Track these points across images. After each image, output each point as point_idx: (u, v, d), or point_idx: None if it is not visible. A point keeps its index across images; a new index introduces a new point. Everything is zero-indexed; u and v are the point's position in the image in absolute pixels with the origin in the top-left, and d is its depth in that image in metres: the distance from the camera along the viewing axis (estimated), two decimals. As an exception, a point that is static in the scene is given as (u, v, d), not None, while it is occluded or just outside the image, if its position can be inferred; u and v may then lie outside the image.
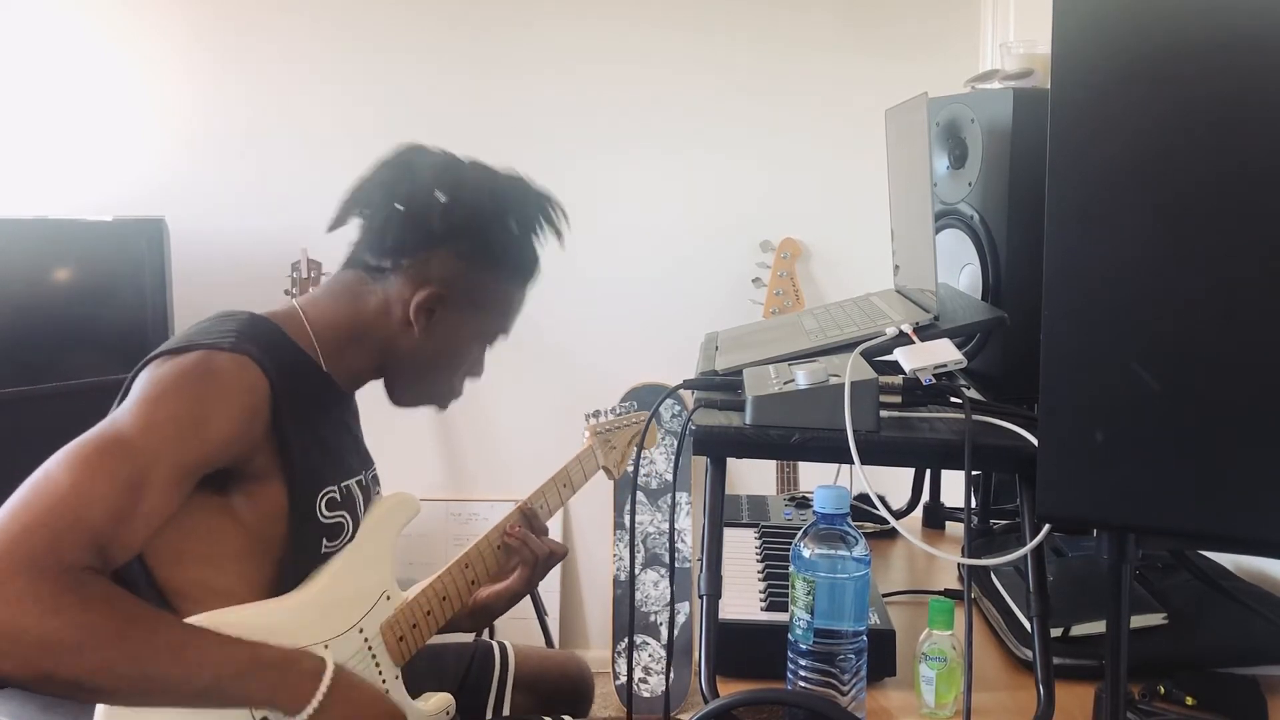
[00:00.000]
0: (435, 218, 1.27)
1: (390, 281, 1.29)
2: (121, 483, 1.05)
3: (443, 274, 1.29)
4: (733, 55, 2.95)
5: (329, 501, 1.24)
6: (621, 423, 1.76)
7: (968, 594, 1.13)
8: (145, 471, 1.07)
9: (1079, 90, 0.86)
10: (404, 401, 1.38)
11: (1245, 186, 0.81)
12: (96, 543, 1.03)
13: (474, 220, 1.29)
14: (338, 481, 1.27)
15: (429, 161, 1.31)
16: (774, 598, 1.29)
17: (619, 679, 2.89)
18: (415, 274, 1.28)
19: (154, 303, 2.62)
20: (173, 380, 1.13)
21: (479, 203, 1.30)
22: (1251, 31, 0.79)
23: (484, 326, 1.37)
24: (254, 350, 1.16)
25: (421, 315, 1.28)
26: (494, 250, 1.31)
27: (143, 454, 1.07)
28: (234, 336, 1.17)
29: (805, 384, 1.14)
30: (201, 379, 1.13)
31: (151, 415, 1.10)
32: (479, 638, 1.65)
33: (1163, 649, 1.24)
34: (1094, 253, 0.86)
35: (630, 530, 3.05)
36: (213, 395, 1.13)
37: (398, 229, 1.27)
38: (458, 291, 1.30)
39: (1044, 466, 0.90)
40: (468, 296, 1.31)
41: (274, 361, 1.18)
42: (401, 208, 1.28)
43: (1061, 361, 0.88)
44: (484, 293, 1.33)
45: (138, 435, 1.08)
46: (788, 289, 2.90)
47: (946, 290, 1.46)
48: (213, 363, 1.14)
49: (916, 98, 1.36)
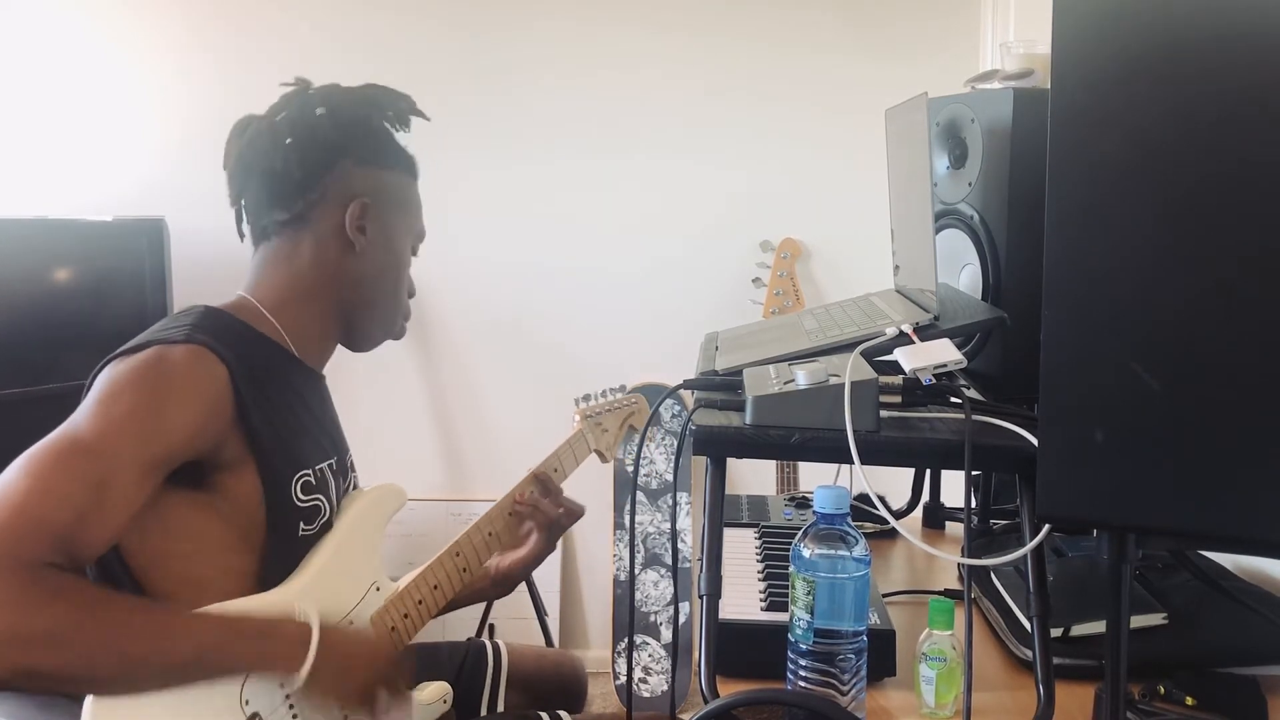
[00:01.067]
0: (325, 129, 1.31)
1: (312, 221, 1.31)
2: (84, 482, 1.05)
3: (357, 185, 1.32)
4: (733, 55, 2.95)
5: (304, 485, 1.24)
6: (612, 405, 1.74)
7: (968, 594, 1.13)
8: (107, 470, 1.07)
9: (1079, 90, 0.86)
10: (367, 340, 1.40)
11: (1245, 186, 0.81)
12: (62, 542, 1.03)
13: (358, 121, 1.34)
14: (311, 465, 1.26)
15: (286, 100, 1.35)
16: (774, 598, 1.29)
17: (619, 679, 2.89)
18: (334, 197, 1.31)
19: (154, 303, 2.62)
20: (128, 377, 1.13)
21: (354, 106, 1.35)
22: (1251, 31, 0.79)
23: (407, 226, 1.40)
24: (209, 340, 1.17)
25: (358, 231, 1.31)
26: (385, 146, 1.36)
27: (104, 453, 1.07)
28: (188, 329, 1.18)
29: (805, 384, 1.14)
30: (157, 373, 1.13)
31: (108, 413, 1.10)
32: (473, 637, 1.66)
33: (1163, 649, 1.24)
34: (1094, 252, 0.86)
35: (630, 530, 3.05)
36: (169, 388, 1.13)
37: (298, 157, 1.30)
38: (377, 196, 1.33)
39: (1044, 466, 0.90)
40: (385, 197, 1.35)
41: (232, 349, 1.18)
42: (291, 139, 1.31)
43: (1061, 361, 0.88)
44: (395, 190, 1.37)
45: (96, 434, 1.08)
46: (788, 289, 2.90)
47: (946, 290, 1.46)
48: (167, 356, 1.14)
49: (916, 98, 1.36)
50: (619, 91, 2.96)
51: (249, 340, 1.24)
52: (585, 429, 1.68)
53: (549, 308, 3.01)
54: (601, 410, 1.72)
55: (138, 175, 2.87)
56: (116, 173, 2.88)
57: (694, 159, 2.97)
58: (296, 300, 1.30)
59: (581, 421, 1.69)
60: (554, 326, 3.00)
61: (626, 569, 2.92)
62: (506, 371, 3.00)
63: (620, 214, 2.98)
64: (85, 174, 2.88)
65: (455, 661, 1.60)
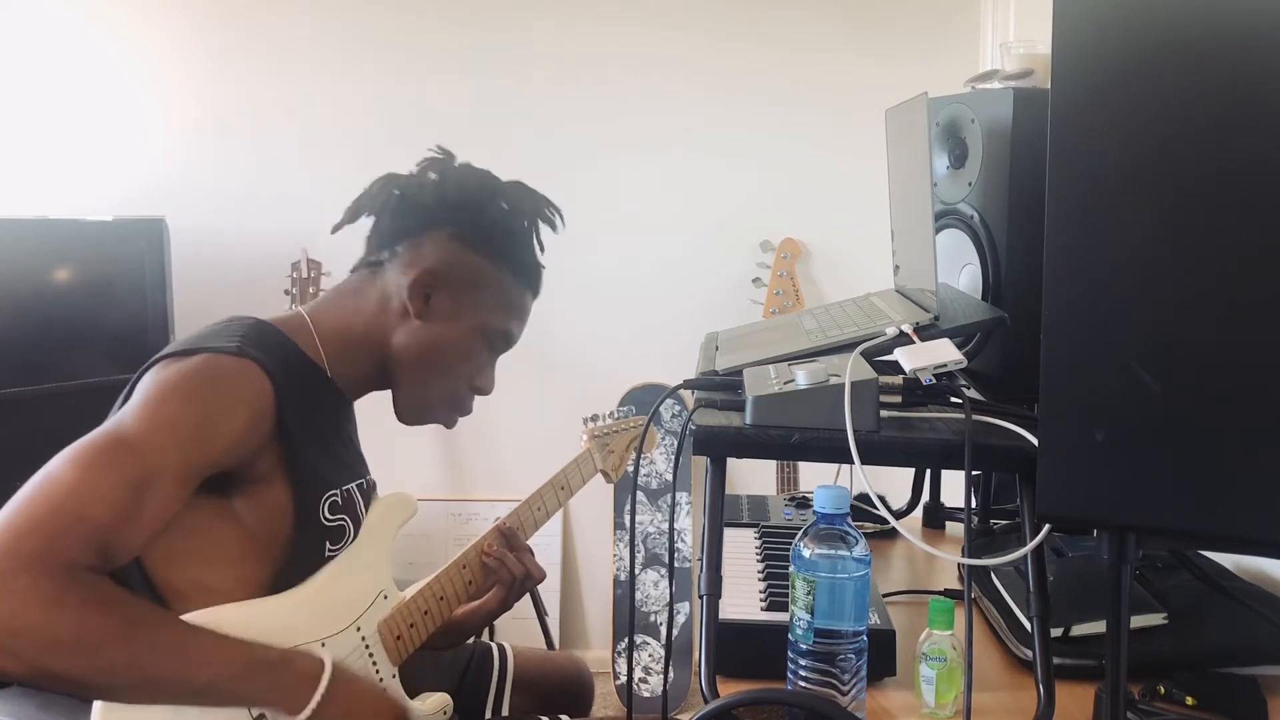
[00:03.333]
0: (428, 194, 1.32)
1: (387, 273, 1.32)
2: (126, 483, 1.05)
3: (437, 254, 1.31)
4: (733, 55, 2.95)
5: (331, 505, 1.25)
6: (619, 427, 1.76)
7: (968, 594, 1.13)
8: (150, 472, 1.07)
9: (1079, 90, 0.86)
10: (407, 414, 1.37)
11: (1245, 185, 0.81)
12: (99, 542, 1.03)
13: (465, 198, 1.33)
14: (340, 485, 1.27)
15: (428, 160, 1.37)
16: (774, 598, 1.29)
17: (619, 679, 2.89)
18: (410, 257, 1.31)
19: (154, 303, 2.62)
20: (178, 382, 1.13)
21: (470, 183, 1.34)
22: (1250, 30, 0.79)
23: (484, 317, 1.34)
24: (259, 355, 1.17)
25: (417, 297, 1.30)
26: (486, 229, 1.33)
27: (148, 455, 1.07)
28: (239, 341, 1.18)
29: (805, 384, 1.14)
30: (207, 381, 1.14)
31: (156, 416, 1.10)
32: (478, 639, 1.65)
33: (1163, 649, 1.24)
34: (1094, 252, 0.86)
35: (630, 530, 3.05)
36: (217, 398, 1.13)
37: (393, 211, 1.32)
38: (453, 272, 1.31)
39: (1044, 466, 0.90)
40: (464, 277, 1.32)
41: (279, 366, 1.18)
42: (398, 192, 1.33)
43: (1061, 361, 0.88)
44: (480, 276, 1.33)
45: (143, 436, 1.08)
46: (788, 289, 2.90)
47: (946, 290, 1.46)
48: (218, 366, 1.15)
49: (916, 98, 1.36)
50: (619, 92, 2.96)
51: (295, 360, 1.24)
52: (593, 449, 1.70)
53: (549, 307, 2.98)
54: (609, 431, 1.74)
55: (138, 175, 2.87)
56: (116, 173, 2.88)
57: (694, 159, 2.97)
58: (345, 336, 1.30)
59: (589, 441, 1.71)
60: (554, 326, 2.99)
61: (626, 569, 2.92)
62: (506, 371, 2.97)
63: (620, 214, 2.98)
64: (85, 174, 2.88)
65: (460, 664, 1.60)
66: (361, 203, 1.34)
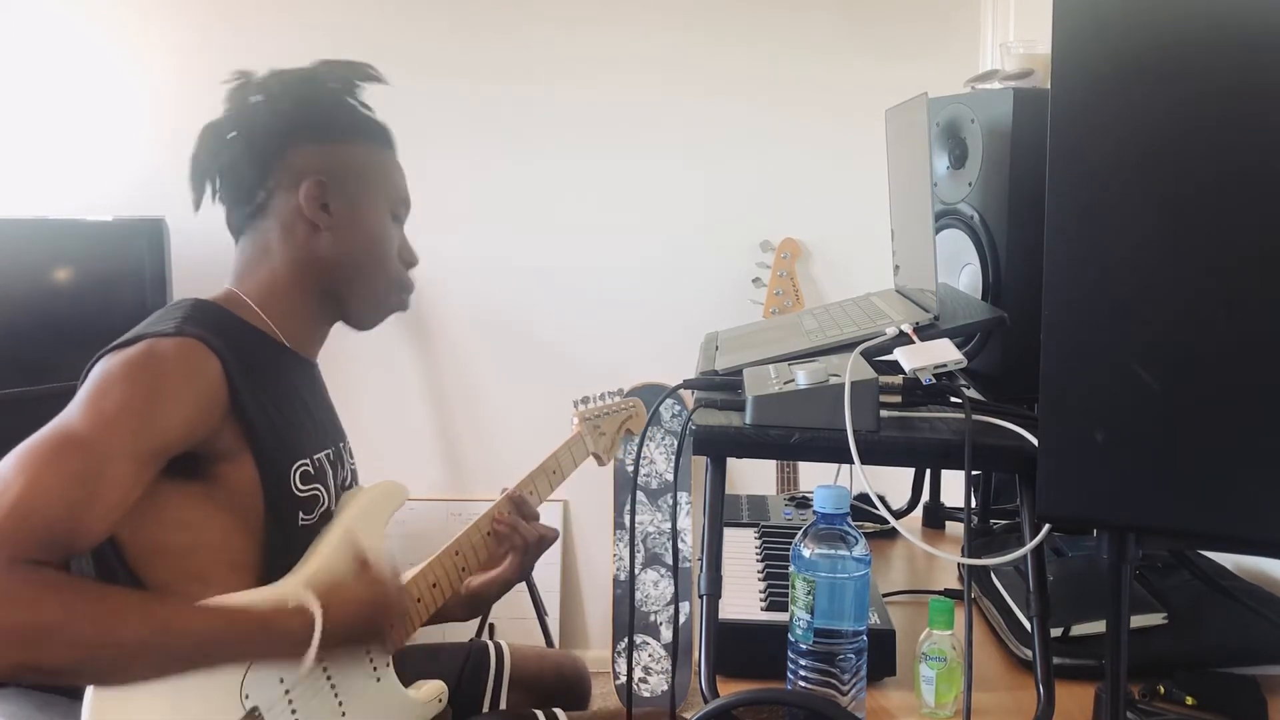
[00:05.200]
0: (264, 118, 1.30)
1: (273, 209, 1.30)
2: (74, 477, 1.05)
3: (309, 164, 1.30)
4: (733, 55, 2.95)
5: (302, 475, 1.24)
6: (610, 409, 1.74)
7: (968, 594, 1.13)
8: (98, 463, 1.07)
9: (1079, 90, 0.86)
10: (365, 317, 1.37)
11: (1245, 185, 0.81)
12: (51, 537, 1.03)
13: (299, 101, 1.31)
14: (309, 455, 1.26)
15: (229, 94, 1.33)
16: (774, 598, 1.29)
17: (619, 679, 2.89)
18: (288, 182, 1.29)
19: (154, 303, 2.60)
20: (119, 371, 1.13)
21: (293, 87, 1.32)
22: (1250, 30, 0.79)
23: (380, 195, 1.35)
24: (201, 333, 1.17)
25: (318, 209, 1.29)
26: (334, 119, 1.33)
27: (94, 446, 1.07)
28: (178, 321, 1.18)
29: (805, 384, 1.14)
30: (148, 366, 1.13)
31: (100, 407, 1.10)
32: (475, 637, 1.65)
33: (1163, 649, 1.24)
34: (1094, 252, 0.86)
35: (630, 530, 3.05)
36: (162, 381, 1.13)
37: (244, 152, 1.29)
38: (333, 171, 1.30)
39: (1044, 466, 0.90)
40: (343, 171, 1.31)
41: (224, 341, 1.18)
42: (233, 134, 1.30)
43: (1061, 361, 0.88)
44: (355, 161, 1.33)
45: (87, 428, 1.08)
46: (788, 289, 2.90)
47: (946, 290, 1.46)
48: (158, 349, 1.14)
49: (916, 98, 1.36)
50: (619, 92, 2.96)
51: (239, 332, 1.24)
52: (584, 431, 1.69)
53: (549, 307, 3.01)
54: (599, 413, 1.72)
55: (138, 175, 2.87)
56: (116, 173, 2.88)
57: (694, 159, 2.97)
58: (278, 291, 1.30)
59: (580, 424, 1.70)
60: (554, 326, 3.00)
61: (626, 569, 2.92)
62: (506, 371, 2.99)
63: (620, 214, 2.98)
64: (85, 174, 2.88)
65: (457, 662, 1.60)
66: (203, 166, 1.31)
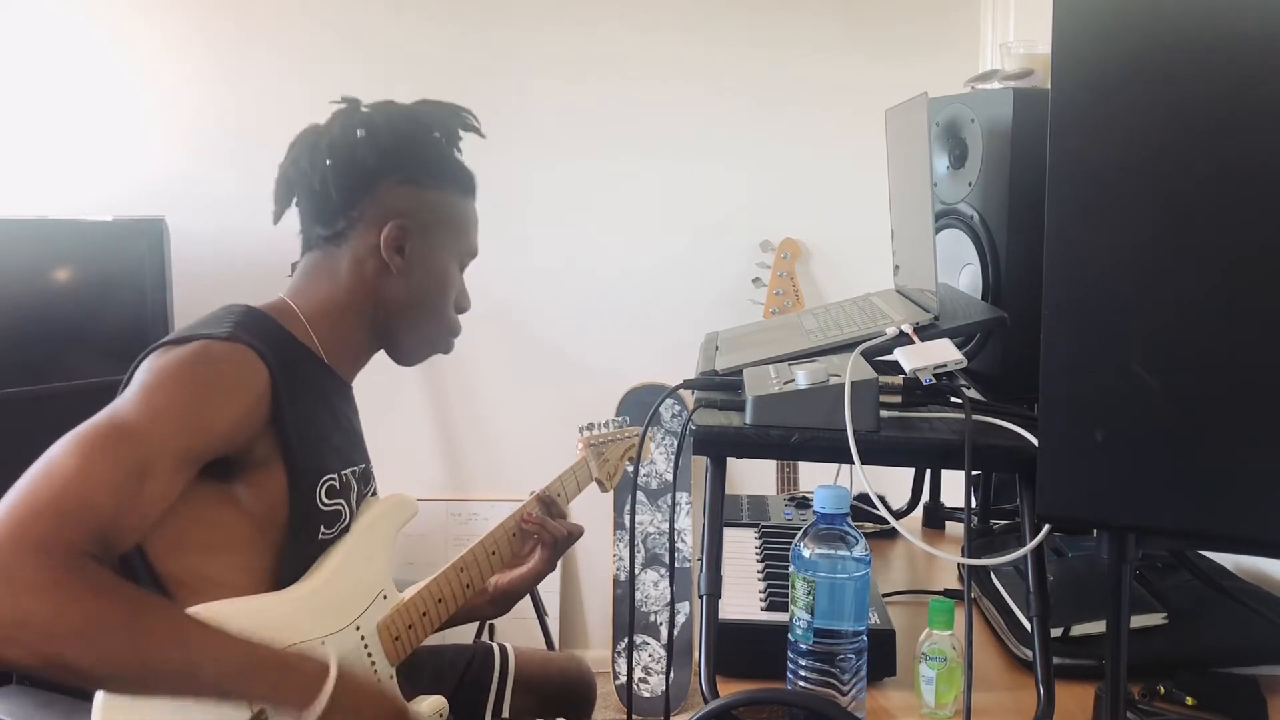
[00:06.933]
0: (364, 152, 1.31)
1: (351, 240, 1.32)
2: (126, 468, 1.06)
3: (396, 205, 1.31)
4: (733, 55, 2.95)
5: (328, 489, 1.25)
6: (614, 436, 1.76)
7: (968, 594, 1.13)
8: (149, 458, 1.07)
9: (1079, 90, 0.86)
10: (410, 356, 1.40)
11: (1245, 185, 0.81)
12: (101, 528, 1.03)
13: (400, 141, 1.33)
14: (337, 470, 1.27)
15: (333, 119, 1.35)
16: (774, 598, 1.29)
17: (619, 679, 2.89)
18: (371, 218, 1.31)
19: (154, 303, 2.62)
20: (174, 369, 1.14)
21: (398, 125, 1.34)
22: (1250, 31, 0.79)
23: (454, 245, 1.38)
24: (253, 340, 1.18)
25: (394, 252, 1.31)
26: (431, 164, 1.35)
27: (146, 440, 1.08)
28: (232, 327, 1.19)
29: (805, 384, 1.14)
30: (202, 367, 1.14)
31: (154, 402, 1.11)
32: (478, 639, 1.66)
33: (1163, 649, 1.24)
34: (1094, 252, 0.86)
35: (630, 530, 3.05)
36: (213, 383, 1.14)
37: (336, 181, 1.30)
38: (417, 216, 1.32)
39: (1044, 466, 0.91)
40: (428, 217, 1.34)
41: (273, 352, 1.19)
42: (330, 160, 1.31)
43: (1061, 361, 0.88)
44: (440, 210, 1.36)
45: (141, 422, 1.09)
46: (788, 289, 2.90)
47: (946, 290, 1.46)
48: (213, 351, 1.16)
49: (916, 98, 1.36)
50: (620, 92, 2.96)
51: (286, 345, 1.25)
52: (588, 457, 1.70)
53: (549, 307, 3.01)
54: (604, 440, 1.74)
55: (138, 175, 2.87)
56: (116, 173, 2.88)
57: (694, 159, 2.97)
58: (333, 314, 1.31)
59: (584, 450, 1.71)
60: (554, 326, 3.00)
61: (626, 569, 2.92)
62: (507, 371, 2.99)
63: (620, 214, 2.98)
64: (85, 174, 2.88)
65: (460, 664, 1.60)
66: (292, 181, 1.33)
